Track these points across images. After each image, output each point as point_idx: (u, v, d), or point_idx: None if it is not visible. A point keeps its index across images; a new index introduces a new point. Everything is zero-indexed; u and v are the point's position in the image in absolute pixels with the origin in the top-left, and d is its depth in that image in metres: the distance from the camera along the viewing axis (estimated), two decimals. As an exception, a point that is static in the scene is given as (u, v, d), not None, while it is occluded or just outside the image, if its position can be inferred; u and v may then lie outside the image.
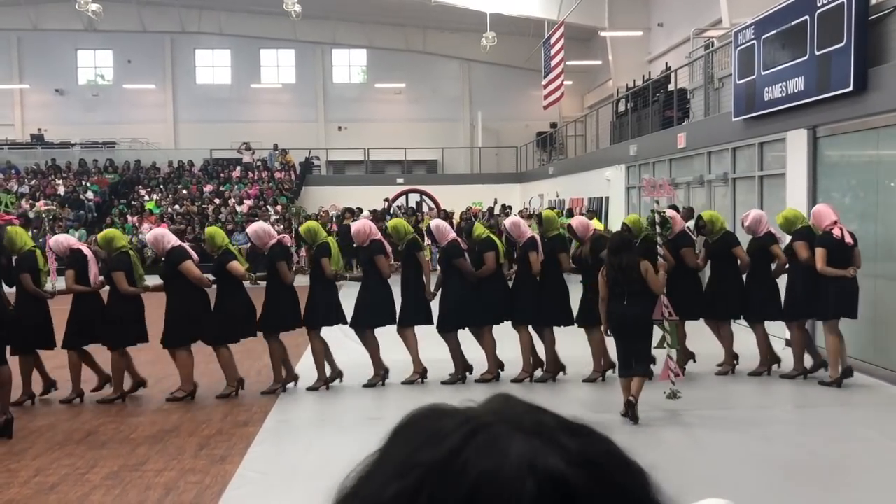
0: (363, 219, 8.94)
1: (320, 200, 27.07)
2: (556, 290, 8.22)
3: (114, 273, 7.71)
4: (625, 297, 6.63)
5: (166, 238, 7.86)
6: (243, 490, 5.30)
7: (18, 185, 27.67)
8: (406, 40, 33.23)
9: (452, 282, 8.17)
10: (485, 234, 8.32)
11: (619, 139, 19.22)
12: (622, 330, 6.72)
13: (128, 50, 33.21)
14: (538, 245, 8.13)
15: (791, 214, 8.19)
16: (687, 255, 8.26)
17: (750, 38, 10.67)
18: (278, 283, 7.89)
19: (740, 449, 6.02)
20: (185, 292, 7.66)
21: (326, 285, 8.04)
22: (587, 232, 8.24)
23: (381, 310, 8.06)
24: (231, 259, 7.77)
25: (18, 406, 7.49)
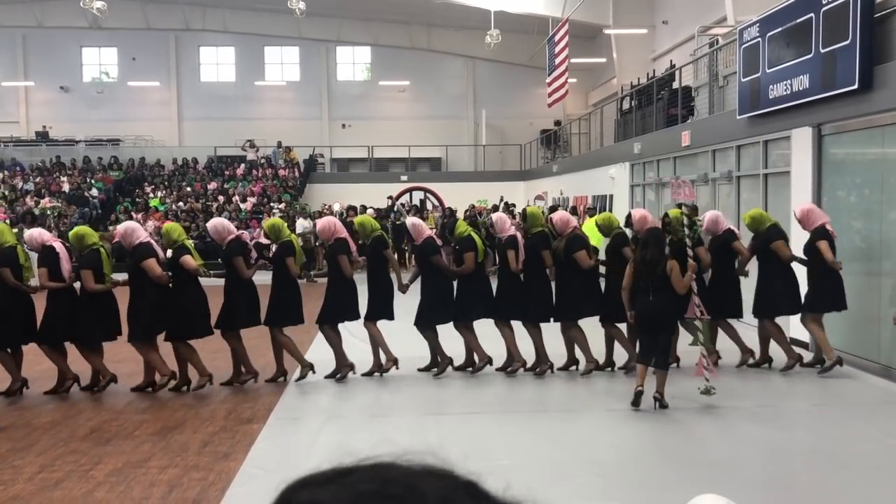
0: (328, 216, 8.99)
1: (324, 198, 27.09)
2: (539, 286, 8.32)
3: (82, 270, 7.77)
4: (649, 293, 6.83)
5: (136, 233, 7.90)
6: (247, 487, 5.31)
7: (23, 182, 27.73)
8: (410, 38, 33.21)
9: (431, 279, 8.26)
10: (466, 233, 8.38)
11: (624, 137, 19.19)
12: (645, 323, 6.94)
13: (132, 47, 33.24)
14: (518, 243, 8.26)
15: (757, 214, 8.43)
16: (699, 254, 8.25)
17: (755, 35, 10.64)
18: (236, 279, 7.95)
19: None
20: (149, 288, 7.73)
21: (289, 284, 8.05)
22: (566, 228, 8.28)
23: (345, 307, 8.11)
24: (184, 253, 7.79)
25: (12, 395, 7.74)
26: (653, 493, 5.19)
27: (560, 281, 8.34)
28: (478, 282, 8.32)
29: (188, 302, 7.80)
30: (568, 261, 8.14)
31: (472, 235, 8.36)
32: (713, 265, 8.32)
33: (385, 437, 6.30)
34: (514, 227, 9.05)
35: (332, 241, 8.20)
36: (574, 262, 8.11)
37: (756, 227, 8.36)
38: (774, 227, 8.35)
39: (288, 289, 8.06)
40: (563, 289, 8.31)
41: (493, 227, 8.65)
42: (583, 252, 8.12)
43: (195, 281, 7.87)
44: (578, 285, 8.17)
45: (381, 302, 8.21)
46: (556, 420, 6.92)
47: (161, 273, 7.73)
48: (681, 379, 7.63)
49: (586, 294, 8.21)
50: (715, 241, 8.43)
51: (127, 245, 7.94)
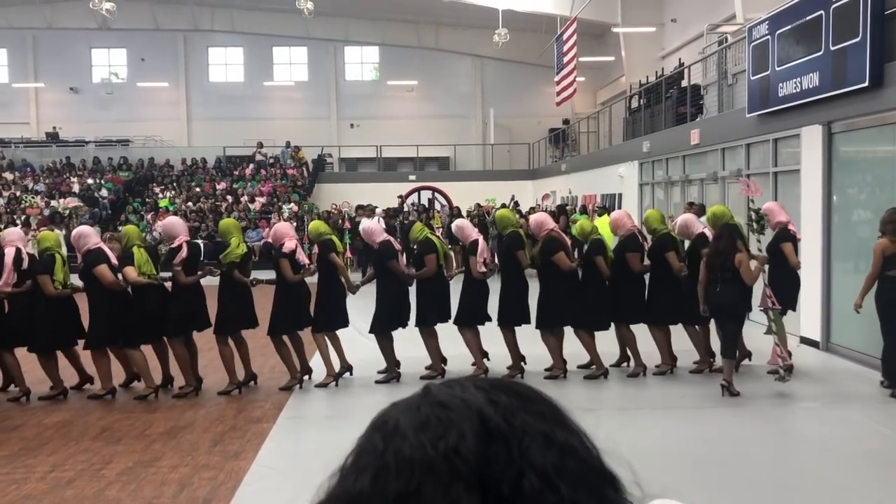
0: (282, 222, 8.74)
1: (332, 198, 27.12)
2: (513, 288, 8.14)
3: (39, 276, 7.65)
4: (718, 284, 7.07)
5: (85, 238, 7.74)
6: (257, 486, 5.32)
7: (34, 182, 27.87)
8: (418, 37, 33.22)
9: (388, 283, 8.05)
10: (423, 236, 8.26)
11: (632, 136, 19.14)
12: (716, 314, 7.22)
13: (141, 48, 33.37)
14: (478, 248, 8.07)
15: (719, 211, 8.28)
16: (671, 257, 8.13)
17: (764, 33, 10.60)
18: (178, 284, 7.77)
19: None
20: (104, 294, 7.56)
21: (238, 290, 7.85)
22: (540, 230, 8.13)
23: (295, 314, 7.91)
24: (128, 263, 7.59)
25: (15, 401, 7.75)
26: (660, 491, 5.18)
27: (541, 284, 8.14)
28: (438, 286, 8.14)
29: (142, 307, 7.64)
30: (546, 264, 7.98)
31: (429, 238, 8.21)
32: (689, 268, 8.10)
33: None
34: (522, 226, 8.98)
35: (278, 247, 7.98)
36: (553, 265, 7.92)
37: (716, 224, 8.18)
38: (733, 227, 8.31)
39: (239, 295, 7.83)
40: (544, 293, 8.10)
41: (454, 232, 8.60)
42: (560, 254, 7.91)
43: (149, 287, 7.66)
44: (560, 290, 7.98)
45: (331, 311, 8.00)
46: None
47: (112, 279, 7.55)
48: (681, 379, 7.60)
49: (568, 300, 7.98)
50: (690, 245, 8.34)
51: (77, 250, 7.77)
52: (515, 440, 0.68)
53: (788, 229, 8.21)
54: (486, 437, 0.67)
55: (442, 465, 0.66)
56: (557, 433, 0.70)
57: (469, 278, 8.20)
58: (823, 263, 9.41)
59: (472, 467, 0.65)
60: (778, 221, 8.21)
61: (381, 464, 0.68)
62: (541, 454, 0.67)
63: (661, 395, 7.61)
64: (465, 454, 0.66)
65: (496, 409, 0.70)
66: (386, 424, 0.74)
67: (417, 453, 0.67)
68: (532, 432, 0.69)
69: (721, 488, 5.18)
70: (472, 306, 8.11)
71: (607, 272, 8.03)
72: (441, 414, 0.70)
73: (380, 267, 8.14)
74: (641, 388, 7.90)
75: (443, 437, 0.68)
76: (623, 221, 8.29)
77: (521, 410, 0.71)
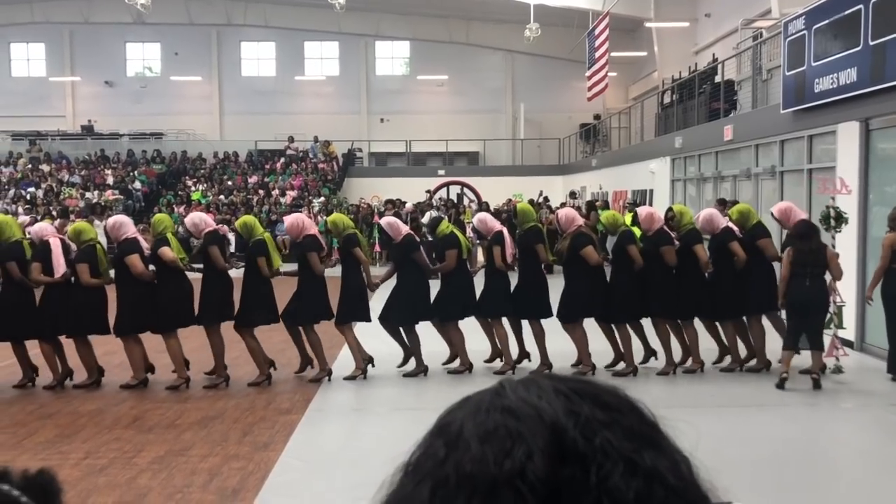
0: (297, 213, 8.88)
1: (362, 192, 27.23)
2: (533, 282, 8.23)
3: (77, 265, 7.85)
4: (807, 279, 7.19)
5: (123, 227, 7.91)
6: (286, 477, 5.37)
7: (69, 174, 28.32)
8: (449, 32, 33.18)
9: (410, 277, 8.12)
10: (448, 231, 8.35)
11: (664, 131, 18.97)
12: (804, 308, 7.26)
13: (175, 42, 33.71)
14: (504, 240, 8.19)
15: (745, 209, 8.43)
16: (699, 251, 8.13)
17: (800, 28, 10.44)
18: (208, 274, 7.93)
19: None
20: (134, 282, 7.73)
21: (261, 282, 7.95)
22: (570, 225, 8.16)
23: (316, 306, 7.99)
24: (163, 245, 7.78)
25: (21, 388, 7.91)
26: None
27: (566, 279, 8.22)
28: (461, 280, 8.22)
29: (171, 293, 7.80)
30: (573, 259, 8.02)
31: (454, 233, 8.34)
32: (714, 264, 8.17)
33: (424, 432, 6.32)
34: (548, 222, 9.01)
35: (300, 240, 8.06)
36: (580, 260, 7.96)
37: (744, 223, 8.27)
38: (760, 225, 8.32)
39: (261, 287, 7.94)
40: (569, 287, 8.15)
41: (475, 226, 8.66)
42: (589, 248, 7.95)
43: (177, 272, 7.85)
44: (585, 284, 8.02)
45: (353, 303, 8.07)
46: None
47: (142, 269, 7.71)
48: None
49: (593, 293, 8.02)
50: (713, 241, 8.29)
51: (114, 239, 8.00)
52: (594, 463, 0.60)
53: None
54: (558, 458, 0.60)
55: (505, 490, 0.59)
56: (646, 456, 0.62)
57: (491, 269, 8.28)
58: (859, 262, 9.26)
59: (539, 495, 0.58)
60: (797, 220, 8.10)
61: (441, 476, 0.62)
62: (623, 482, 0.59)
63: (693, 394, 7.54)
64: (531, 479, 0.59)
65: (575, 422, 0.62)
66: (450, 428, 0.66)
67: (479, 470, 0.61)
68: (614, 454, 0.61)
69: (751, 489, 5.12)
70: (495, 296, 8.21)
71: (640, 261, 8.02)
72: (510, 424, 0.63)
73: (402, 261, 8.21)
74: (672, 387, 7.84)
75: (509, 453, 0.61)
76: (655, 217, 8.29)
77: (605, 426, 0.62)
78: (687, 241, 8.12)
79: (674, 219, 8.36)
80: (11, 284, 7.88)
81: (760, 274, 8.09)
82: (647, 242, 8.23)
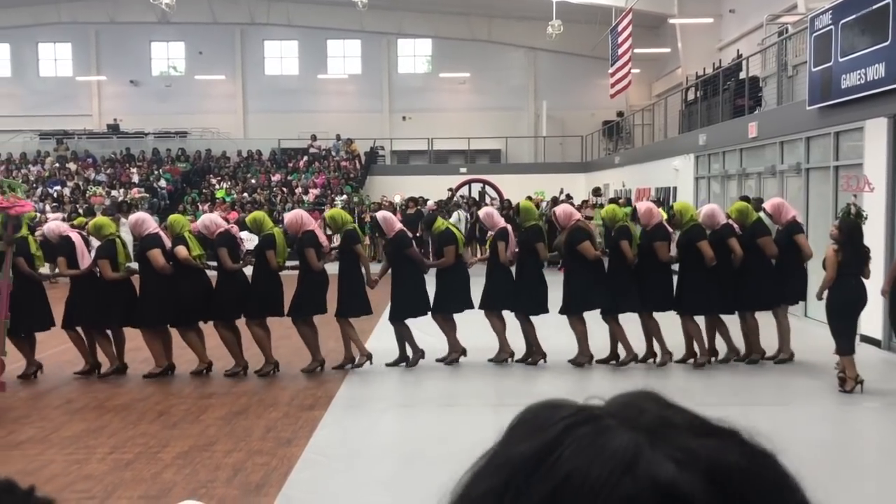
0: (296, 210, 9.07)
1: (384, 190, 27.28)
2: (532, 279, 8.36)
3: (99, 260, 8.11)
4: (853, 279, 7.08)
5: (145, 224, 8.21)
6: (309, 472, 5.40)
7: (95, 173, 28.64)
8: (471, 29, 33.14)
9: (404, 272, 8.24)
10: (444, 227, 8.48)
11: (688, 128, 18.83)
12: (856, 309, 7.15)
13: (199, 41, 33.96)
14: (508, 235, 8.37)
15: (744, 207, 8.55)
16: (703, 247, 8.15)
17: (827, 23, 10.31)
18: (223, 270, 8.16)
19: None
20: (156, 276, 7.99)
21: (270, 276, 8.16)
22: (569, 221, 8.33)
23: (316, 299, 8.14)
24: (180, 244, 8.05)
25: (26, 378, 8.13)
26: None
27: (566, 274, 8.41)
28: (458, 275, 8.36)
29: (188, 290, 8.03)
30: (572, 254, 8.19)
31: (451, 228, 8.50)
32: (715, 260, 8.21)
33: (445, 429, 6.34)
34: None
35: (299, 235, 8.22)
36: (579, 255, 8.13)
37: (744, 221, 8.34)
38: (760, 222, 8.36)
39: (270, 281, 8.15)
40: (569, 281, 8.32)
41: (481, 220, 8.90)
42: (586, 243, 8.14)
43: (194, 269, 8.11)
44: (585, 278, 8.17)
45: (352, 297, 8.20)
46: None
47: (163, 264, 7.98)
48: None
49: (593, 286, 8.17)
50: (713, 235, 8.29)
51: (136, 235, 8.27)
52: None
53: (799, 222, 8.39)
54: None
55: None
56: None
57: (494, 264, 8.38)
58: (886, 260, 9.13)
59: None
60: (789, 217, 8.32)
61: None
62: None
63: (715, 391, 7.49)
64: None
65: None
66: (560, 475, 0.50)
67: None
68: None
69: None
70: (497, 291, 8.36)
71: (632, 257, 8.16)
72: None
73: (396, 256, 8.34)
74: (694, 383, 7.79)
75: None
76: (653, 212, 8.37)
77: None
78: (690, 237, 8.19)
79: (675, 217, 8.49)
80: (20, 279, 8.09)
81: (760, 270, 8.16)
82: (644, 238, 8.32)
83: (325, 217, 8.58)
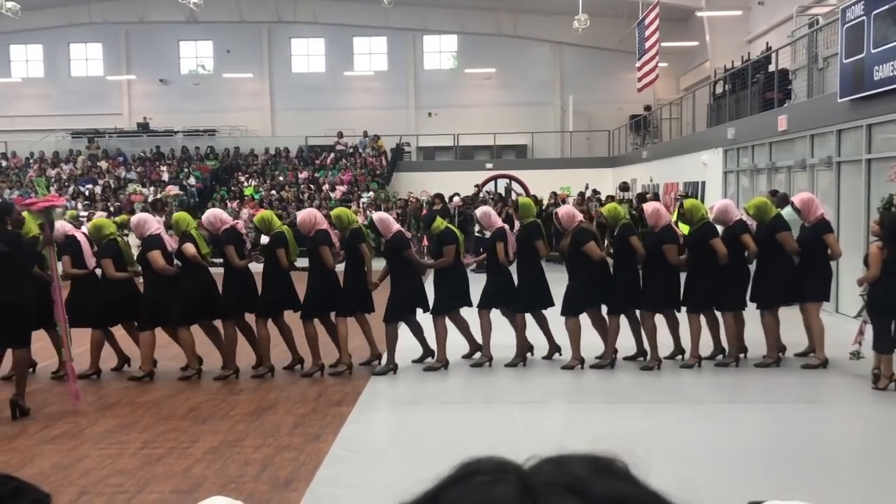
0: (309, 209, 9.06)
1: (410, 186, 27.32)
2: (532, 276, 8.31)
3: (102, 260, 8.17)
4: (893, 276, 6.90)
5: (147, 224, 8.19)
6: (336, 468, 5.45)
7: (126, 171, 29.02)
8: (497, 25, 33.06)
9: (400, 274, 8.19)
10: (443, 226, 8.40)
11: (717, 122, 18.64)
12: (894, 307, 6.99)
13: (227, 40, 34.23)
14: (507, 235, 8.31)
15: (762, 203, 8.31)
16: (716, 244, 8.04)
17: (859, 14, 10.15)
18: (230, 267, 8.16)
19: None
20: (157, 276, 8.00)
21: (280, 275, 8.15)
22: (571, 222, 8.23)
23: (327, 299, 8.15)
24: (187, 241, 8.06)
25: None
26: (737, 488, 5.06)
27: (570, 274, 8.32)
28: (457, 274, 8.32)
29: (193, 288, 8.04)
30: (575, 255, 8.12)
31: (450, 228, 8.43)
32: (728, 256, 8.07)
33: (473, 426, 6.35)
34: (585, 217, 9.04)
35: (312, 234, 8.20)
36: (583, 256, 8.05)
37: (762, 217, 8.16)
38: (779, 218, 8.18)
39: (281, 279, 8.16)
40: (573, 282, 8.23)
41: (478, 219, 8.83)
42: (591, 244, 8.05)
43: (200, 268, 8.12)
44: (588, 278, 8.07)
45: (358, 295, 8.19)
46: (639, 411, 6.83)
47: (163, 265, 7.96)
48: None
49: (594, 286, 8.09)
50: (725, 232, 8.18)
51: (138, 236, 8.30)
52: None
53: (827, 220, 8.16)
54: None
55: None
56: None
57: (493, 264, 8.37)
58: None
59: None
60: (818, 214, 8.07)
61: None
62: None
63: (741, 389, 7.43)
64: None
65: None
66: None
67: None
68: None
69: (801, 487, 5.03)
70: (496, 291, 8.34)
71: (642, 251, 8.08)
72: None
73: (393, 257, 8.29)
74: (712, 379, 7.73)
75: None
76: (661, 214, 8.26)
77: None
78: (702, 234, 8.10)
79: (685, 215, 8.38)
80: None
81: (779, 267, 7.99)
82: (651, 239, 8.21)
83: (331, 216, 8.57)
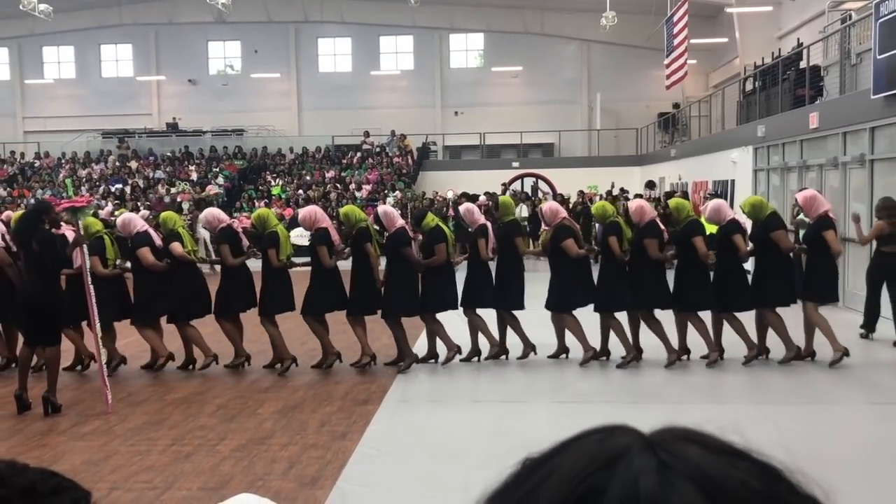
0: (311, 206, 9.09)
1: (437, 185, 27.32)
2: (511, 274, 8.34)
3: (90, 258, 8.16)
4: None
5: (133, 223, 8.38)
6: (362, 466, 5.46)
7: (154, 171, 29.36)
8: (524, 23, 32.96)
9: (400, 269, 8.19)
10: (434, 224, 8.35)
11: (746, 119, 18.42)
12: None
13: (254, 40, 34.48)
14: (488, 232, 8.33)
15: (757, 201, 8.26)
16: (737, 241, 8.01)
17: (893, 8, 9.98)
18: (225, 266, 8.30)
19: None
20: (147, 273, 8.18)
21: (276, 273, 8.20)
22: (555, 218, 8.27)
23: (328, 296, 8.18)
24: (175, 241, 8.21)
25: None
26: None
27: (552, 270, 8.35)
28: (445, 274, 8.31)
29: (185, 285, 8.22)
30: (556, 250, 8.16)
31: (440, 226, 8.36)
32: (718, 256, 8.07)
33: (499, 424, 6.33)
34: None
35: (313, 232, 8.24)
36: (563, 252, 8.09)
37: (756, 216, 8.09)
38: (775, 215, 8.10)
39: (277, 278, 8.23)
40: (554, 278, 8.28)
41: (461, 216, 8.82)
42: (569, 241, 8.09)
43: (191, 266, 8.30)
44: (569, 275, 8.12)
45: (364, 295, 8.21)
46: (665, 410, 6.77)
47: (153, 261, 8.16)
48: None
49: (578, 284, 8.13)
50: (719, 231, 8.14)
51: (126, 235, 8.44)
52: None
53: (830, 217, 8.02)
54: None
55: None
56: None
57: (475, 261, 8.38)
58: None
59: None
60: (820, 211, 7.98)
61: None
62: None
63: (772, 389, 7.33)
64: None
65: None
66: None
67: None
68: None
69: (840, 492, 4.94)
70: (479, 289, 8.34)
71: (620, 253, 8.08)
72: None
73: (391, 253, 8.29)
74: (735, 377, 7.64)
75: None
76: (645, 210, 8.23)
77: None
78: (686, 233, 8.05)
79: (671, 214, 8.38)
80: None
81: (775, 266, 7.90)
82: (635, 235, 8.20)
83: (339, 214, 8.61)
